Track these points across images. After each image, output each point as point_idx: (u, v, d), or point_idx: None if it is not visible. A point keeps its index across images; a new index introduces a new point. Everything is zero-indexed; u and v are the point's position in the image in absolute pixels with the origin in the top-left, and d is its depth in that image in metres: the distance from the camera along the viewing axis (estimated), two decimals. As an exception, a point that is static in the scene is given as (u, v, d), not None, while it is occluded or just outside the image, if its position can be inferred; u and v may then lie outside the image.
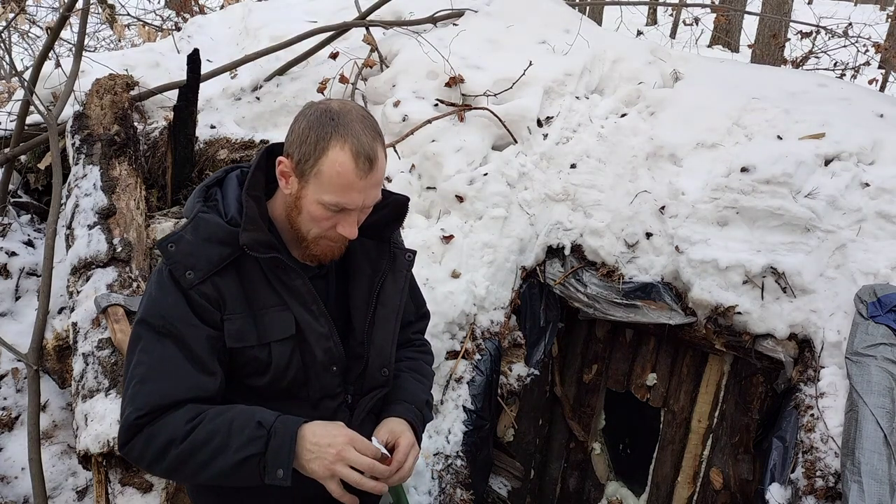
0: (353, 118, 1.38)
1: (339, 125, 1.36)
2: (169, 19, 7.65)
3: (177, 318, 1.43)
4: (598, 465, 3.65)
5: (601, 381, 3.52)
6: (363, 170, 1.36)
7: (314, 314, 1.50)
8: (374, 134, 1.38)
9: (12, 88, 5.27)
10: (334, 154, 1.35)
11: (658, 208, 3.13)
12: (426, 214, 3.18)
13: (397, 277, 1.63)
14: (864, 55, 7.11)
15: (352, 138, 1.35)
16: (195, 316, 1.43)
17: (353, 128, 1.36)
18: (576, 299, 3.18)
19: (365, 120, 1.39)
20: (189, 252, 1.43)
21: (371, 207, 1.46)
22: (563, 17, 4.01)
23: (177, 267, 1.43)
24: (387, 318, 1.61)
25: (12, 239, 3.43)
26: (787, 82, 3.64)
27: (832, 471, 2.45)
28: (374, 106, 3.56)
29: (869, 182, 2.91)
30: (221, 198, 1.51)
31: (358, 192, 1.38)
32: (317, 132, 1.37)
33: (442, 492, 2.60)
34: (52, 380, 2.87)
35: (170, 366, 1.42)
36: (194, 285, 1.42)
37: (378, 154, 1.38)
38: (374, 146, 1.37)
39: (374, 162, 1.37)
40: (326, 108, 1.39)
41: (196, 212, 1.48)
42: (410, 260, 1.66)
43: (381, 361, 1.61)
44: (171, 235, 1.45)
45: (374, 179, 1.39)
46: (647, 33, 11.03)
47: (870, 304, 2.61)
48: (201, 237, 1.44)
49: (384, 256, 1.62)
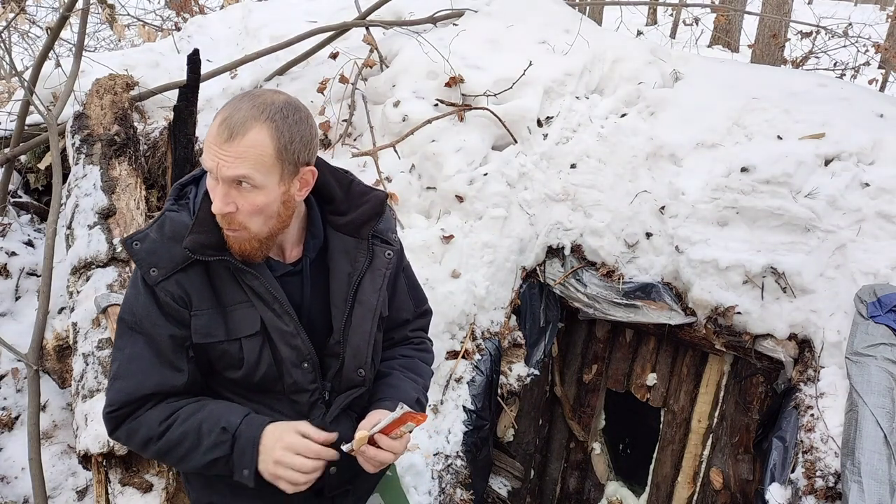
0: (256, 99, 1.38)
1: (237, 99, 1.39)
2: (169, 19, 7.65)
3: (145, 315, 1.48)
4: (598, 465, 3.65)
5: (601, 381, 3.52)
6: (221, 135, 1.35)
7: (276, 313, 1.49)
8: (259, 115, 1.36)
9: (12, 88, 5.27)
10: (215, 118, 1.38)
11: (658, 208, 3.13)
12: (426, 214, 3.18)
13: (375, 276, 1.59)
14: (864, 55, 7.11)
15: (231, 108, 1.37)
16: (161, 314, 1.47)
17: (244, 103, 1.37)
18: (576, 299, 3.18)
19: (267, 106, 1.37)
20: (153, 250, 1.46)
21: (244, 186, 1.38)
22: (563, 17, 4.00)
23: (141, 264, 1.46)
24: (363, 318, 1.58)
25: (12, 239, 3.43)
26: (787, 82, 3.64)
27: (832, 471, 2.45)
28: (374, 106, 3.56)
29: (869, 182, 2.91)
30: (195, 196, 1.52)
31: (212, 155, 1.36)
32: (225, 104, 1.41)
33: (442, 492, 2.60)
34: (52, 380, 2.87)
35: (138, 363, 1.49)
36: (158, 282, 1.45)
37: (247, 132, 1.34)
38: (249, 122, 1.35)
39: (234, 134, 1.34)
40: (254, 89, 1.45)
41: (164, 209, 1.51)
42: (390, 258, 1.62)
43: (356, 363, 1.60)
44: (138, 233, 1.48)
45: (231, 150, 1.34)
46: (647, 33, 11.03)
47: (870, 304, 2.61)
48: (166, 235, 1.46)
49: (362, 253, 1.59)
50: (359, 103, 3.56)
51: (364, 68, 3.64)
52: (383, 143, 3.34)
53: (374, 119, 3.48)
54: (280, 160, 1.38)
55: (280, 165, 1.38)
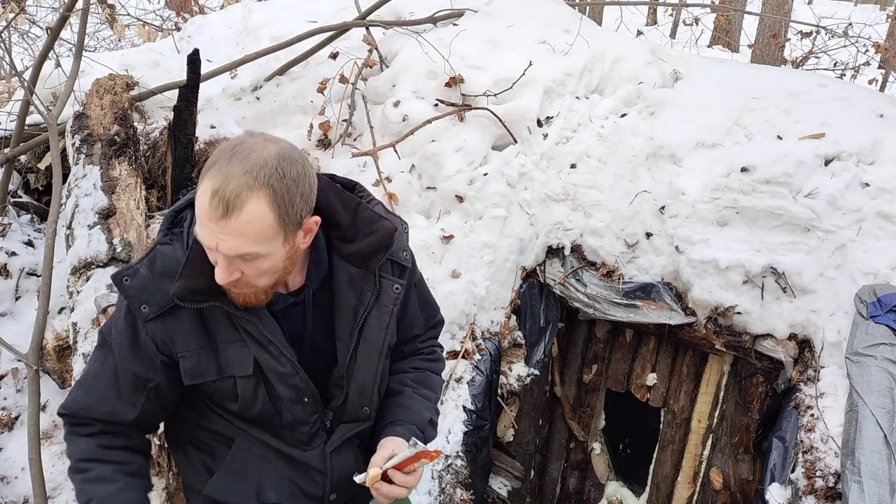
0: (247, 159, 1.23)
1: (225, 159, 1.24)
2: (169, 19, 7.65)
3: (118, 344, 1.46)
4: (598, 465, 3.65)
5: (601, 381, 3.52)
6: (214, 211, 1.21)
7: (273, 355, 1.43)
8: (254, 183, 1.22)
9: (12, 88, 5.27)
10: (203, 184, 1.24)
11: (658, 208, 3.13)
12: (426, 214, 3.18)
13: (382, 313, 1.50)
14: (864, 55, 7.10)
15: (221, 176, 1.22)
16: (133, 350, 1.44)
17: (233, 167, 1.22)
18: (576, 299, 3.18)
19: (260, 167, 1.23)
20: (143, 287, 1.40)
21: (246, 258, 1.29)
22: (563, 17, 4.00)
23: (132, 301, 1.41)
24: (369, 356, 1.51)
25: (12, 239, 3.43)
26: (787, 82, 3.64)
27: (832, 471, 2.45)
28: (374, 106, 3.56)
29: (869, 182, 2.91)
30: (189, 223, 1.41)
31: (209, 232, 1.25)
32: (212, 158, 1.27)
33: (442, 492, 2.60)
34: (52, 380, 2.87)
35: (101, 383, 1.49)
36: (147, 320, 1.40)
37: (244, 205, 1.21)
38: (244, 193, 1.21)
39: (230, 210, 1.21)
40: (240, 141, 1.27)
41: (155, 243, 1.42)
42: (398, 293, 1.52)
43: (361, 400, 1.55)
44: (128, 268, 1.42)
45: (229, 227, 1.22)
46: (647, 33, 11.02)
47: (870, 304, 2.61)
48: (157, 271, 1.39)
49: (369, 287, 1.49)
50: (359, 103, 3.56)
51: (364, 68, 3.64)
52: (383, 143, 3.34)
53: (374, 119, 3.49)
54: (283, 225, 1.28)
55: (283, 230, 1.28)
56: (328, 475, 1.57)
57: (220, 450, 1.58)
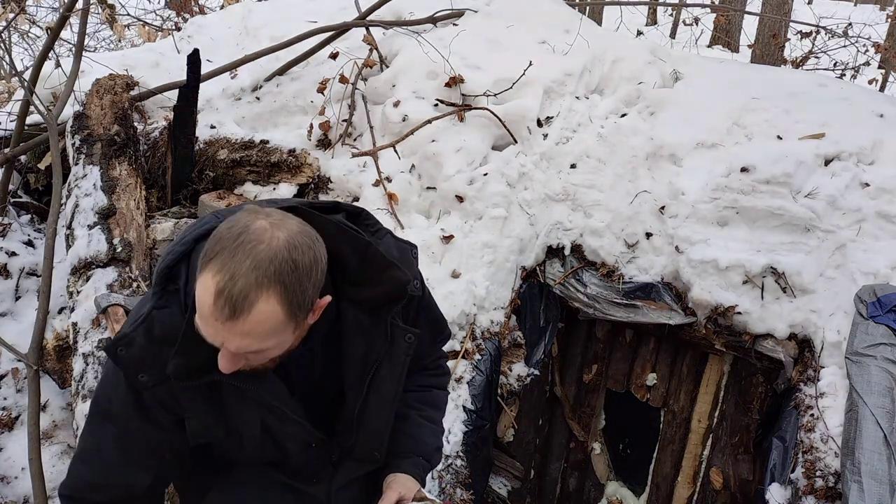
0: (254, 251, 1.11)
1: (229, 251, 1.11)
2: (169, 19, 7.64)
3: (120, 411, 1.36)
4: (598, 465, 3.65)
5: (601, 381, 3.52)
6: (220, 312, 1.10)
7: (278, 416, 1.37)
8: (263, 281, 1.10)
9: (12, 88, 5.27)
10: (204, 277, 1.12)
11: (658, 208, 3.13)
12: (426, 214, 3.18)
13: (394, 364, 1.41)
14: (864, 55, 7.10)
15: (227, 272, 1.09)
16: (140, 416, 1.35)
17: (240, 262, 1.10)
18: (576, 299, 3.18)
19: (270, 261, 1.11)
20: (141, 358, 1.29)
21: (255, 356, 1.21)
22: (563, 17, 4.00)
23: (128, 371, 1.31)
24: (381, 406, 1.44)
25: (12, 239, 3.43)
26: (787, 82, 3.64)
27: (832, 471, 2.45)
28: (374, 106, 3.56)
29: (869, 182, 2.91)
30: (186, 280, 1.29)
31: (213, 331, 1.14)
32: (213, 243, 1.13)
33: (442, 492, 2.60)
34: (52, 380, 2.87)
35: (104, 455, 1.38)
36: (148, 388, 1.31)
37: (252, 306, 1.10)
38: (252, 294, 1.10)
39: (238, 312, 1.10)
40: (243, 226, 1.14)
41: (150, 308, 1.29)
42: (411, 342, 1.41)
43: (371, 445, 1.48)
44: (123, 337, 1.30)
45: (236, 329, 1.12)
46: (647, 33, 11.03)
47: (870, 304, 2.61)
48: (155, 339, 1.28)
49: (380, 336, 1.39)
50: (359, 103, 3.56)
51: (364, 68, 3.64)
52: (383, 143, 3.34)
53: (374, 119, 3.49)
54: (294, 318, 1.17)
55: (294, 321, 1.18)
56: None
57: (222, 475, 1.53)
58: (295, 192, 3.41)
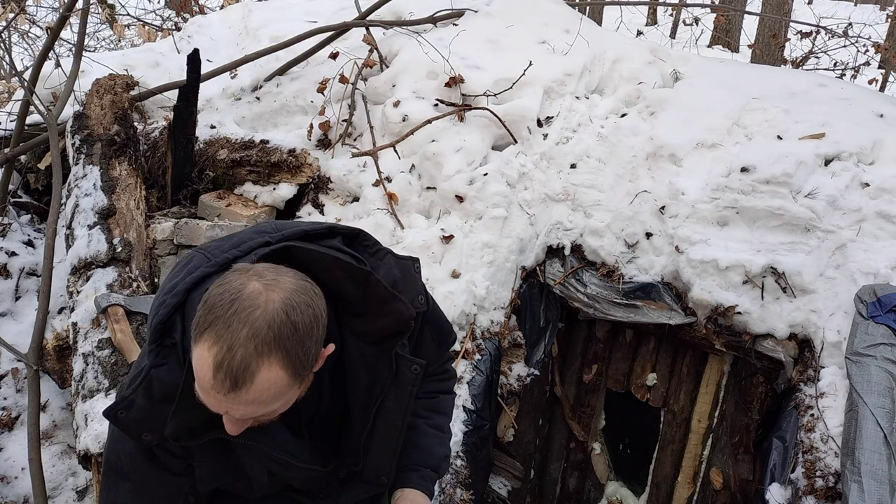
0: (249, 319, 1.06)
1: (224, 320, 1.06)
2: (169, 19, 7.64)
3: (132, 467, 1.33)
4: (598, 465, 3.65)
5: (601, 381, 3.52)
6: (221, 385, 1.06)
7: (282, 466, 1.35)
8: (263, 349, 1.06)
9: (12, 88, 5.27)
10: (200, 348, 1.07)
11: (658, 208, 3.13)
12: (426, 214, 3.18)
13: (400, 395, 1.38)
14: (864, 55, 7.10)
15: (223, 344, 1.05)
16: (155, 468, 1.32)
17: (237, 332, 1.05)
18: (576, 299, 3.18)
19: (268, 327, 1.06)
20: (142, 419, 1.25)
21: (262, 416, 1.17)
22: (563, 17, 4.00)
23: (130, 433, 1.27)
24: (387, 437, 1.41)
25: (12, 239, 3.43)
26: (787, 82, 3.64)
27: (832, 471, 2.45)
28: (374, 106, 3.56)
29: (869, 182, 2.91)
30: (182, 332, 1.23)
31: (217, 402, 1.10)
32: (206, 312, 1.08)
33: (442, 492, 2.60)
34: (52, 380, 2.87)
35: None
36: (153, 445, 1.28)
37: (255, 376, 1.06)
38: (253, 364, 1.06)
39: (239, 384, 1.06)
40: (236, 290, 1.08)
41: (147, 367, 1.24)
42: (417, 373, 1.38)
43: (378, 471, 1.47)
44: (122, 401, 1.25)
45: (239, 399, 1.08)
46: (647, 33, 11.03)
47: (870, 304, 2.61)
48: (156, 399, 1.24)
49: (384, 367, 1.36)
50: (359, 103, 3.56)
51: (364, 68, 3.64)
52: (383, 143, 3.34)
53: (374, 119, 3.49)
54: (298, 378, 1.14)
55: (298, 382, 1.15)
56: None
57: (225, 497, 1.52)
58: (295, 192, 3.41)
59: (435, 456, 1.56)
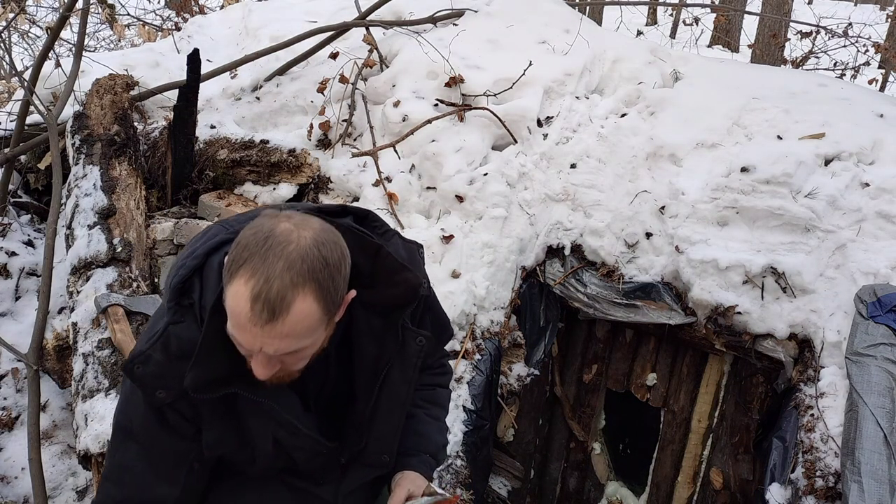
0: (284, 253, 1.12)
1: (259, 256, 1.12)
2: (169, 19, 7.65)
3: (143, 427, 1.35)
4: (598, 465, 3.65)
5: (601, 381, 3.52)
6: (259, 316, 1.11)
7: (289, 431, 1.37)
8: (298, 280, 1.11)
9: (12, 88, 5.27)
10: (236, 285, 1.12)
11: (658, 208, 3.13)
12: (426, 214, 3.18)
13: (405, 366, 1.42)
14: (864, 55, 7.10)
15: (260, 276, 1.10)
16: (163, 429, 1.34)
17: (272, 265, 1.11)
18: (576, 299, 3.18)
19: (301, 260, 1.12)
20: (159, 374, 1.29)
21: (292, 357, 1.21)
22: (563, 17, 4.01)
23: (146, 389, 1.30)
24: (391, 410, 1.44)
25: (12, 239, 3.43)
26: (787, 82, 3.64)
27: (832, 471, 2.45)
28: (374, 106, 3.56)
29: (869, 182, 2.91)
30: (200, 293, 1.28)
31: (251, 337, 1.14)
32: (238, 253, 1.14)
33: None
34: (52, 380, 2.87)
35: (130, 474, 1.38)
36: (167, 404, 1.31)
37: (291, 306, 1.11)
38: (289, 294, 1.11)
39: (277, 314, 1.11)
40: (268, 231, 1.14)
41: (165, 323, 1.29)
42: (422, 345, 1.42)
43: (381, 448, 1.49)
44: (139, 354, 1.30)
45: (276, 331, 1.13)
46: (647, 33, 11.03)
47: (870, 304, 2.61)
48: (173, 355, 1.28)
49: (391, 338, 1.40)
50: (359, 103, 3.56)
51: (364, 68, 3.64)
52: (383, 143, 3.34)
53: (374, 119, 3.49)
54: (329, 315, 1.19)
55: (328, 318, 1.21)
56: None
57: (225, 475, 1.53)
58: (295, 192, 3.41)
59: (434, 443, 1.59)
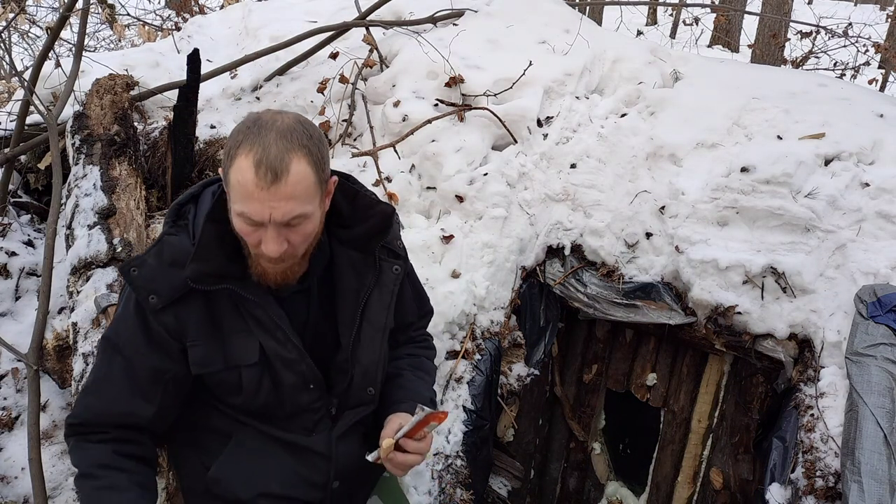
0: (273, 127, 1.29)
1: (253, 133, 1.29)
2: (169, 19, 7.65)
3: (129, 341, 1.45)
4: (598, 465, 3.65)
5: (601, 381, 3.52)
6: (264, 180, 1.26)
7: (279, 340, 1.46)
8: (291, 146, 1.28)
9: (12, 88, 5.27)
10: (238, 162, 1.28)
11: (658, 208, 3.13)
12: (426, 214, 3.18)
13: (383, 293, 1.56)
14: (864, 55, 7.10)
15: (258, 147, 1.27)
16: (147, 343, 1.44)
17: (266, 137, 1.28)
18: (576, 299, 3.18)
19: (289, 132, 1.29)
20: (152, 277, 1.41)
21: (294, 223, 1.34)
22: (563, 17, 4.00)
23: (139, 291, 1.42)
24: (372, 337, 1.55)
25: (12, 239, 3.43)
26: (787, 82, 3.64)
27: (832, 471, 2.45)
28: (374, 106, 3.56)
29: (869, 182, 2.91)
30: (193, 216, 1.47)
31: (260, 203, 1.28)
32: (234, 140, 1.31)
33: (442, 492, 2.60)
34: (52, 380, 2.87)
35: (110, 386, 1.47)
36: (157, 311, 1.41)
37: (289, 167, 1.27)
38: (286, 157, 1.27)
39: (279, 174, 1.26)
40: (254, 118, 1.33)
41: (162, 234, 1.46)
42: (398, 273, 1.58)
43: (366, 381, 1.58)
44: (136, 259, 1.43)
45: (281, 192, 1.27)
46: (647, 33, 11.04)
47: (870, 304, 2.61)
48: (165, 261, 1.41)
49: (370, 269, 1.54)
50: (359, 103, 3.56)
51: (364, 68, 3.64)
52: (383, 143, 3.34)
53: (374, 119, 3.49)
54: (320, 182, 1.34)
55: (320, 187, 1.35)
56: (332, 460, 1.57)
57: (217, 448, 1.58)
58: (295, 192, 3.41)
59: (420, 395, 1.66)
